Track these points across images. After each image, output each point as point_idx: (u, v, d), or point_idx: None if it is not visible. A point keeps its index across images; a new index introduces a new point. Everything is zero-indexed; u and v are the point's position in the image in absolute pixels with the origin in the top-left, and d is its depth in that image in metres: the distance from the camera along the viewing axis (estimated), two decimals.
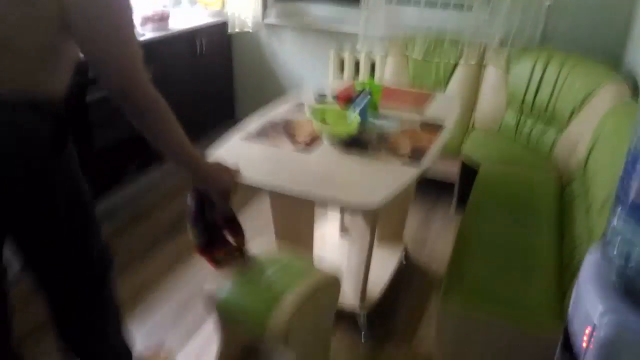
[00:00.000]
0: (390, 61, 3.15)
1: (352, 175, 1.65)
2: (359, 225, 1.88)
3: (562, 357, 1.14)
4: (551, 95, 2.64)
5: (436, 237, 2.70)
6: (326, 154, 1.78)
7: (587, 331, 0.98)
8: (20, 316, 1.50)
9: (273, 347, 1.84)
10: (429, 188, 3.11)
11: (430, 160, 1.73)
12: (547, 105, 2.65)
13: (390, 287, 2.15)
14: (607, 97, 2.33)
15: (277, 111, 2.16)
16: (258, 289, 1.55)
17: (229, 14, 3.49)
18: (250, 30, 3.56)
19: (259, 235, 2.04)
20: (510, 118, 2.85)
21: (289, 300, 1.46)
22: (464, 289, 1.60)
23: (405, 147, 1.82)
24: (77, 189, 1.29)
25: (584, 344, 0.99)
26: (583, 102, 2.48)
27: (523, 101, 2.77)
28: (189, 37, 3.19)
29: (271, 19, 3.57)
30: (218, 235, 1.50)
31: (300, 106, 2.21)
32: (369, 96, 2.01)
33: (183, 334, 2.01)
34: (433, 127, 2.01)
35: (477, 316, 1.52)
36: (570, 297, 1.47)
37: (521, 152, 2.69)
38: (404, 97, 2.37)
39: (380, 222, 2.30)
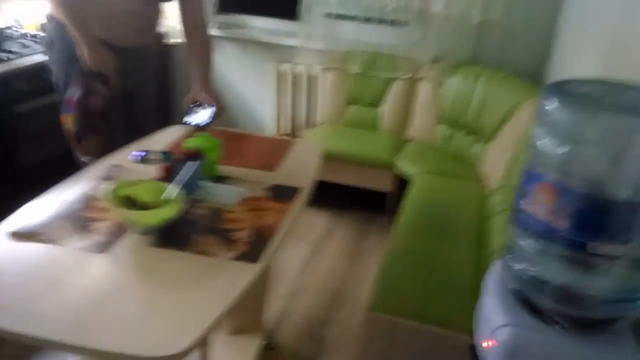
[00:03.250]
0: (329, 75, 3.22)
1: (154, 292, 1.15)
2: None
3: None
4: (479, 109, 2.78)
5: (373, 249, 2.77)
6: (126, 256, 1.25)
7: (490, 342, 1.06)
8: None
9: None
10: (365, 197, 3.18)
11: (274, 250, 1.32)
12: (476, 119, 2.79)
13: None
14: (529, 112, 2.48)
15: (77, 183, 1.53)
16: None
17: (168, 24, 3.47)
18: None
19: None
20: (442, 131, 2.97)
21: None
22: (388, 299, 1.67)
23: (245, 229, 1.39)
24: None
25: (486, 353, 1.06)
26: (507, 116, 2.62)
27: (453, 115, 2.90)
28: None
29: (212, 31, 3.57)
30: (95, 123, 1.77)
31: (117, 170, 1.61)
32: (199, 163, 1.50)
33: None
34: (286, 193, 1.59)
35: (402, 323, 1.59)
36: None
37: (451, 164, 2.81)
38: (254, 150, 1.90)
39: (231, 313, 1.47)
